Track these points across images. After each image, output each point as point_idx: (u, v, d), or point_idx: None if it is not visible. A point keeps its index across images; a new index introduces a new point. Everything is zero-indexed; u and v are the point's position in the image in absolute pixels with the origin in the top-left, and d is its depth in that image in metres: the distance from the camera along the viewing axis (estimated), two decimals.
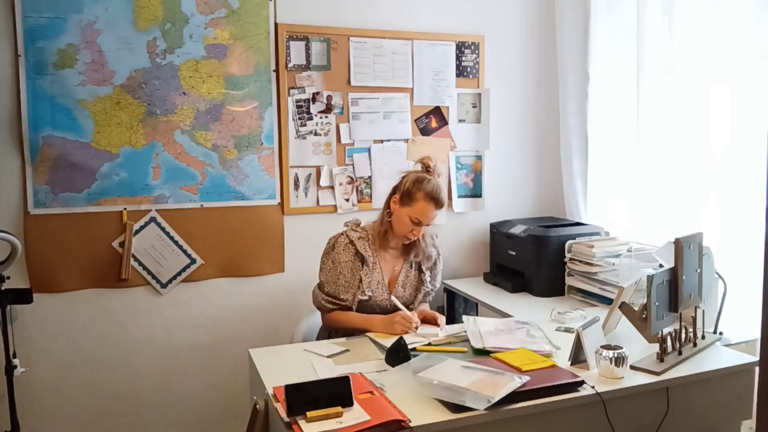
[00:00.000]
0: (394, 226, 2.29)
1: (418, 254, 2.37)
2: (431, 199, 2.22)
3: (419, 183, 2.24)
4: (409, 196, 2.23)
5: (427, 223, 2.25)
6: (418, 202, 2.22)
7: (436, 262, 2.45)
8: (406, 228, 2.25)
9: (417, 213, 2.22)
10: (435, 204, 2.23)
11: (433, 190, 2.23)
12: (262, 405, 1.77)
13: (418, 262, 2.39)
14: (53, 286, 2.59)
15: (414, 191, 2.23)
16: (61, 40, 2.51)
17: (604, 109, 3.01)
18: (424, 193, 2.22)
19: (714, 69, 2.40)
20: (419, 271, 2.39)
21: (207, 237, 2.78)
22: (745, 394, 1.95)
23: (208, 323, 2.84)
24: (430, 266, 2.41)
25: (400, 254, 2.38)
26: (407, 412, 1.56)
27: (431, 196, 2.22)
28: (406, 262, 2.38)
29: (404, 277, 2.36)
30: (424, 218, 2.23)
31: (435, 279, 2.44)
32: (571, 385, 1.71)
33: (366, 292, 2.26)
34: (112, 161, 2.62)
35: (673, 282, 1.93)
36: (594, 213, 3.12)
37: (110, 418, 2.73)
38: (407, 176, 2.30)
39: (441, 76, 3.11)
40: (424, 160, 2.33)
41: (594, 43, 3.00)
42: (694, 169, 2.50)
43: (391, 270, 2.36)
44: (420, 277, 2.39)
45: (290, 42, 2.84)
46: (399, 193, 2.27)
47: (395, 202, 2.28)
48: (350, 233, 2.33)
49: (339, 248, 2.30)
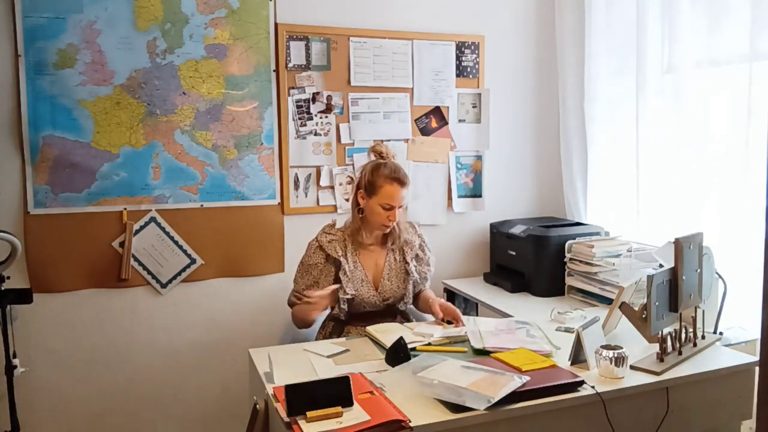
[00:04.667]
0: (369, 219, 2.32)
1: (395, 240, 2.39)
2: (393, 180, 2.26)
3: (377, 169, 2.29)
4: (372, 186, 2.28)
5: (398, 204, 2.27)
6: (382, 188, 2.26)
7: (423, 248, 2.46)
8: (381, 217, 2.28)
9: (385, 198, 2.26)
10: (398, 183, 2.27)
11: (392, 171, 2.28)
12: (262, 405, 1.77)
13: (402, 252, 2.40)
14: (53, 286, 2.59)
15: (375, 179, 2.27)
16: (61, 40, 2.51)
17: (604, 109, 3.01)
18: (383, 177, 2.26)
19: (714, 69, 2.40)
20: (404, 261, 2.40)
21: (207, 237, 2.78)
22: (745, 394, 1.95)
23: (208, 323, 2.84)
24: (413, 255, 2.42)
25: (380, 248, 2.40)
26: (407, 412, 1.56)
27: (392, 177, 2.27)
28: (388, 254, 2.39)
29: (389, 270, 2.37)
30: (394, 200, 2.26)
31: (422, 265, 2.45)
32: (571, 385, 1.71)
33: (348, 292, 2.29)
34: (112, 161, 2.62)
35: (673, 282, 1.93)
36: (594, 213, 3.12)
37: (110, 418, 2.73)
38: (364, 169, 2.35)
39: (441, 76, 3.11)
40: (376, 148, 2.38)
41: (593, 43, 3.00)
42: (693, 169, 2.50)
43: (374, 265, 2.38)
44: (406, 268, 2.40)
45: (290, 42, 2.84)
46: (362, 188, 2.31)
47: (362, 197, 2.31)
48: (321, 237, 2.37)
49: (309, 252, 2.37)
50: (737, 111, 2.31)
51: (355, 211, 2.36)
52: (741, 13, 2.26)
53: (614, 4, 2.90)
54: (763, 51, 2.19)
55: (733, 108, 2.34)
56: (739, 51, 2.29)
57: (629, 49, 2.77)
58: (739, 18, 2.27)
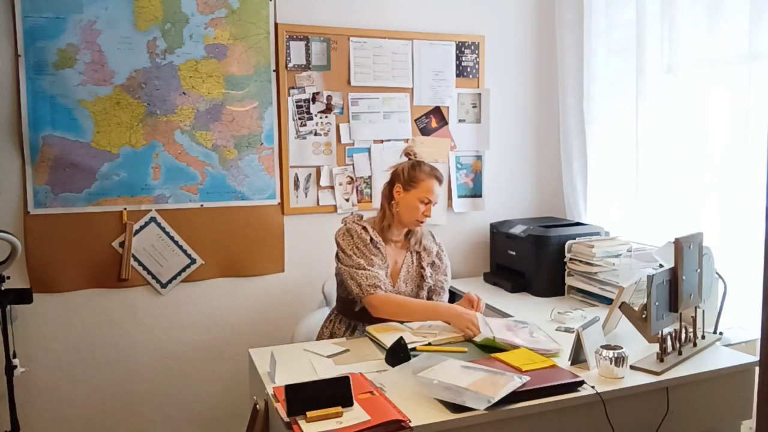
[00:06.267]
0: (403, 214, 2.34)
1: (418, 241, 2.42)
2: (433, 176, 2.35)
3: (417, 166, 2.35)
4: (413, 180, 2.33)
5: (435, 200, 2.35)
6: (423, 182, 2.32)
7: (440, 256, 2.47)
8: (417, 211, 2.32)
9: (424, 192, 2.32)
10: (437, 180, 2.35)
11: (432, 168, 2.37)
12: (262, 405, 1.77)
13: (419, 257, 2.40)
14: (53, 286, 2.59)
15: (416, 174, 2.33)
16: (61, 40, 2.51)
17: (603, 109, 3.01)
18: (425, 173, 2.34)
19: (713, 69, 2.40)
20: (420, 267, 2.41)
21: (207, 237, 2.78)
22: (745, 394, 1.95)
23: (208, 323, 2.84)
24: (430, 261, 2.43)
25: (402, 247, 2.41)
26: (407, 412, 1.56)
27: (433, 173, 2.35)
28: (407, 256, 2.40)
29: (405, 272, 2.38)
30: (432, 195, 2.33)
31: (439, 274, 2.45)
32: (571, 385, 1.71)
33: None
34: (112, 161, 2.62)
35: (673, 282, 1.93)
36: (594, 213, 3.12)
37: (110, 418, 2.73)
38: (401, 166, 2.38)
39: (441, 76, 3.11)
40: (409, 149, 2.43)
41: (593, 43, 3.00)
42: (693, 169, 2.50)
43: (393, 263, 2.39)
44: (421, 273, 2.40)
45: (290, 42, 2.84)
46: (400, 182, 2.35)
47: (398, 192, 2.34)
48: (357, 222, 2.36)
49: (357, 232, 2.32)
50: (736, 111, 2.32)
51: (387, 206, 2.38)
52: (739, 14, 2.26)
53: (614, 4, 2.90)
54: (762, 51, 2.19)
55: (732, 108, 2.34)
56: (737, 51, 2.29)
57: (629, 49, 2.78)
58: (738, 18, 2.27)
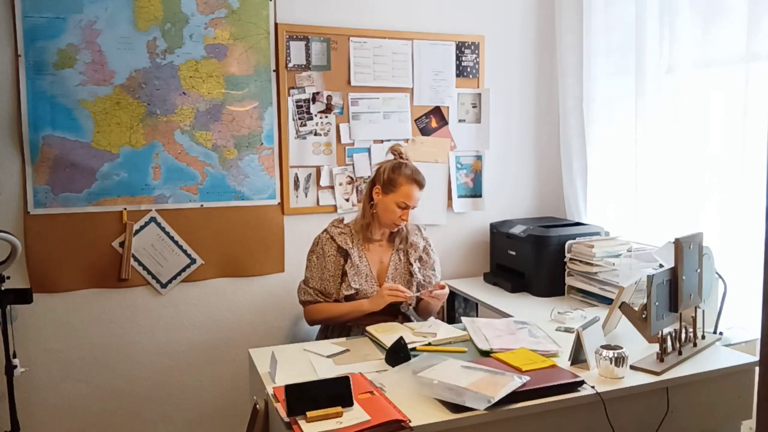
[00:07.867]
0: (381, 215, 2.35)
1: (403, 240, 2.42)
2: (413, 180, 2.32)
3: (398, 168, 2.33)
4: (391, 183, 2.32)
5: (414, 205, 2.33)
6: (401, 187, 2.31)
7: (428, 251, 2.47)
8: (394, 214, 2.32)
9: (402, 197, 2.30)
10: (417, 185, 2.32)
11: (413, 172, 2.34)
12: (262, 405, 1.77)
13: (406, 254, 2.40)
14: (53, 286, 2.59)
15: (395, 177, 2.32)
16: (61, 40, 2.51)
17: (603, 109, 3.01)
18: (404, 177, 2.32)
19: (713, 69, 2.40)
20: (408, 263, 2.41)
21: (207, 237, 2.78)
22: (745, 394, 1.95)
23: (208, 323, 2.84)
24: (417, 256, 2.43)
25: (386, 246, 2.42)
26: (407, 412, 1.56)
27: (412, 178, 2.32)
28: (394, 253, 2.41)
29: (393, 269, 2.39)
30: (410, 200, 2.31)
31: (427, 269, 2.45)
32: (571, 385, 1.71)
33: (352, 286, 2.30)
34: (112, 161, 2.62)
35: (673, 282, 1.93)
36: (594, 213, 3.12)
37: (110, 418, 2.73)
38: (383, 166, 2.37)
39: (441, 76, 3.11)
40: (396, 148, 2.41)
41: (593, 43, 3.00)
42: (693, 169, 2.50)
43: (379, 262, 2.39)
44: (410, 269, 2.40)
45: (290, 42, 2.84)
46: (380, 183, 2.34)
47: (377, 193, 2.34)
48: (331, 229, 2.39)
49: (321, 244, 2.37)
50: (734, 111, 2.32)
51: (367, 205, 2.38)
52: (738, 14, 2.27)
53: (613, 4, 2.90)
54: (760, 52, 2.19)
55: (730, 108, 2.34)
56: (736, 52, 2.29)
57: (628, 49, 2.78)
58: (736, 19, 2.28)
